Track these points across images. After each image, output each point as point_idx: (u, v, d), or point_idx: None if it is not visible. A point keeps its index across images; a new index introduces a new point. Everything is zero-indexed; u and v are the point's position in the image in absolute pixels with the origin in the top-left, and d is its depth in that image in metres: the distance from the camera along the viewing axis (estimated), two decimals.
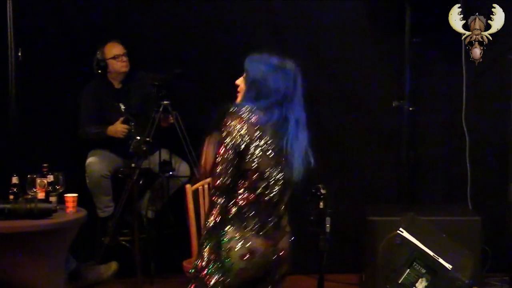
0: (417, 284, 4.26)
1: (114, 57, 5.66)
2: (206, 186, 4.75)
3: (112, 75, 5.74)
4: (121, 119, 5.58)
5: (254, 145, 3.28)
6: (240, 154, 3.26)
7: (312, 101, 5.94)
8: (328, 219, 4.27)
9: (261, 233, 3.34)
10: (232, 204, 3.30)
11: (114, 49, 5.67)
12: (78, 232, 4.39)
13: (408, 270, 4.28)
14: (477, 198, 5.72)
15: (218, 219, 3.27)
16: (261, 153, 3.29)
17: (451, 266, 4.25)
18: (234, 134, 3.26)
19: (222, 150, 3.26)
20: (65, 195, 4.38)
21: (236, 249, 3.28)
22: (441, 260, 4.26)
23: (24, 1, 5.46)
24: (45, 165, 4.43)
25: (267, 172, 3.32)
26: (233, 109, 3.33)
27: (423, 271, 4.27)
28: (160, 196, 5.66)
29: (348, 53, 5.91)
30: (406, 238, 4.33)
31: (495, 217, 5.46)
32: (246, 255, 3.30)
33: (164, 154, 5.57)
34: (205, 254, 3.30)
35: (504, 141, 5.57)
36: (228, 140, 3.26)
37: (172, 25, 5.87)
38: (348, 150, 5.96)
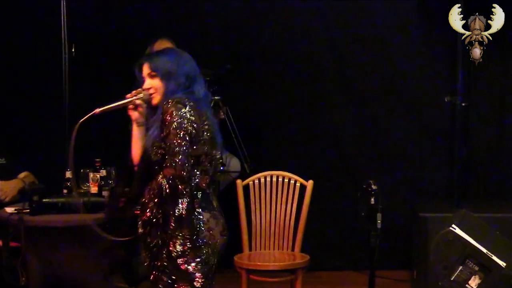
0: (470, 282, 4.21)
1: None
2: (256, 181, 4.76)
3: None
4: None
5: (202, 129, 3.31)
6: (193, 141, 3.27)
7: (365, 98, 5.95)
8: (379, 215, 4.25)
9: (220, 211, 3.42)
10: (195, 189, 3.31)
11: (161, 47, 5.68)
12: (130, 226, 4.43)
13: (461, 267, 4.23)
14: None
15: (188, 207, 3.29)
16: (207, 136, 3.33)
17: (505, 264, 4.19)
18: (186, 122, 3.26)
19: (176, 140, 3.23)
20: None
21: (215, 228, 3.34)
22: (494, 258, 4.20)
23: None
24: (97, 159, 4.48)
25: (213, 152, 3.37)
26: (174, 99, 3.31)
27: (476, 268, 4.21)
28: None
29: (400, 49, 5.88)
30: (459, 235, 4.28)
31: None
32: (223, 231, 3.39)
33: None
34: (181, 247, 3.29)
35: None
36: (182, 129, 3.25)
37: (224, 21, 5.90)
38: (400, 145, 5.93)
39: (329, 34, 5.90)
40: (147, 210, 3.34)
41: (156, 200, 3.31)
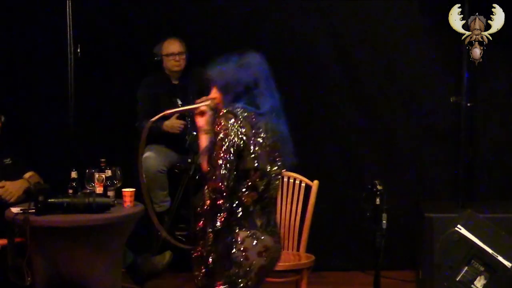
0: (475, 282, 4.21)
1: (167, 55, 5.69)
2: None
3: (167, 71, 5.77)
4: (175, 115, 5.57)
5: (253, 143, 3.21)
6: (240, 154, 3.18)
7: (370, 98, 5.94)
8: (384, 216, 4.24)
9: (268, 230, 3.29)
10: (237, 205, 3.22)
11: (170, 47, 5.70)
12: (135, 226, 4.44)
13: (466, 267, 4.23)
14: None
15: (225, 223, 3.20)
16: (260, 150, 3.22)
17: (510, 264, 4.19)
18: (233, 134, 3.17)
19: (222, 152, 3.15)
20: (123, 189, 4.43)
21: (252, 248, 3.22)
22: (500, 258, 4.21)
23: None
24: (103, 160, 4.48)
25: (267, 168, 3.26)
26: (226, 110, 3.24)
27: (482, 268, 4.22)
28: None
29: (404, 49, 5.86)
30: (464, 235, 4.28)
31: None
32: (262, 252, 3.24)
33: None
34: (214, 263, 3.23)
35: None
36: (227, 141, 3.17)
37: (227, 22, 5.90)
38: (405, 146, 5.92)
39: (333, 35, 5.89)
40: (198, 221, 3.27)
41: (202, 213, 3.24)
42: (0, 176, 4.81)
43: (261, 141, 3.24)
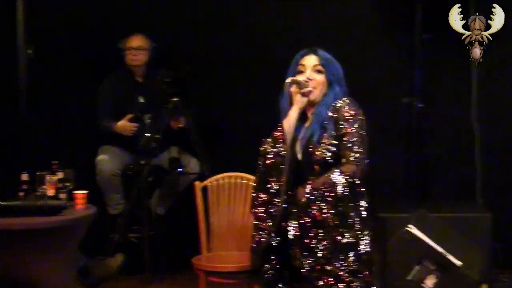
0: (426, 281, 4.25)
1: (127, 49, 5.66)
2: (215, 182, 4.75)
3: (129, 67, 5.73)
4: (129, 116, 5.54)
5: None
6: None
7: None
8: None
9: None
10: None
11: (131, 41, 5.67)
12: (88, 228, 4.41)
13: (418, 266, 4.27)
14: (487, 194, 5.70)
15: (368, 207, 3.37)
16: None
17: (461, 263, 4.24)
18: (363, 122, 3.48)
19: (359, 138, 3.41)
20: (75, 192, 4.40)
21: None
22: (450, 257, 4.25)
23: None
24: (54, 162, 4.44)
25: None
26: (348, 101, 3.57)
27: (433, 268, 4.26)
28: (170, 193, 5.67)
29: (357, 49, 5.88)
30: (416, 235, 4.32)
31: (505, 214, 5.44)
32: None
33: (174, 151, 5.57)
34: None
35: None
36: (362, 129, 3.46)
37: (185, 22, 5.89)
38: None
39: (288, 34, 5.89)
40: (312, 211, 3.23)
41: (328, 200, 3.22)
42: None
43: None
